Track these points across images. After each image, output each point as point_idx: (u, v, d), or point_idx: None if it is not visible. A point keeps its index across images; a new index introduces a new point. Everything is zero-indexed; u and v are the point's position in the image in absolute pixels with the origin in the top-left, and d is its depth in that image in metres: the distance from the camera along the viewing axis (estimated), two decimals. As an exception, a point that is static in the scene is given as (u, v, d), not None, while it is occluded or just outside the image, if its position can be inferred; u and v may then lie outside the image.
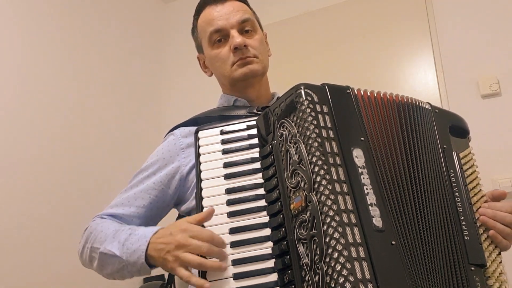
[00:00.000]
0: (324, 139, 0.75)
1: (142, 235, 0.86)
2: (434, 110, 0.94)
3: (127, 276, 0.91)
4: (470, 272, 0.77)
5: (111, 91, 2.62)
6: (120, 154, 2.54)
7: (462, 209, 0.83)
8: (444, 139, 0.90)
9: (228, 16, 1.06)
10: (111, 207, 1.02)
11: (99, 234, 0.94)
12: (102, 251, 0.91)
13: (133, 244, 0.86)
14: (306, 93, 0.79)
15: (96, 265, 0.94)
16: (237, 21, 1.06)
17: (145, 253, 0.83)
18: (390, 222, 0.73)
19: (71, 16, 2.43)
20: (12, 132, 1.99)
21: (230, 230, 0.79)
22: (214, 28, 1.06)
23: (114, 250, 0.88)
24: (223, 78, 1.10)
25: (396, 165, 0.80)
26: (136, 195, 1.01)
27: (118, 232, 0.91)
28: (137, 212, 1.00)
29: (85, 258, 0.98)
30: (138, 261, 0.84)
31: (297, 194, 0.74)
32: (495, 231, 0.84)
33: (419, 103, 0.92)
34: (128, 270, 0.88)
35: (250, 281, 0.75)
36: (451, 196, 0.84)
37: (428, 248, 0.75)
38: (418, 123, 0.88)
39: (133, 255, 0.85)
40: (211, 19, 1.07)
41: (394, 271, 0.68)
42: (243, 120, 0.92)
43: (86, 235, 0.99)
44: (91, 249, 0.95)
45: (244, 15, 1.07)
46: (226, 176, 0.86)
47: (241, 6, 1.10)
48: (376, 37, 2.42)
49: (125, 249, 0.87)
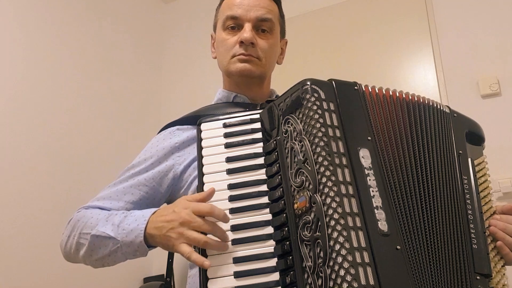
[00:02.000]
0: (330, 138, 0.73)
1: (139, 215, 0.84)
2: (453, 114, 0.91)
3: (121, 259, 0.88)
4: (475, 281, 0.76)
5: (111, 91, 2.61)
6: (119, 154, 2.53)
7: (472, 217, 0.82)
8: (460, 144, 0.88)
9: (251, 8, 1.03)
10: (98, 199, 0.99)
11: (89, 220, 0.91)
12: (94, 233, 0.87)
13: (130, 224, 0.84)
14: (313, 89, 0.77)
15: (84, 251, 0.90)
16: (256, 17, 1.03)
17: (144, 231, 0.81)
18: (396, 226, 0.71)
19: (71, 16, 2.41)
20: (12, 132, 1.98)
21: (232, 227, 0.77)
22: (231, 14, 1.04)
23: (108, 231, 0.86)
24: (221, 65, 1.08)
25: (403, 167, 0.78)
26: (125, 190, 0.98)
27: (111, 216, 0.89)
28: (125, 208, 0.96)
29: (70, 248, 0.94)
30: (136, 240, 0.82)
31: (301, 194, 0.72)
32: (503, 243, 0.83)
33: (437, 105, 0.89)
34: (123, 252, 0.85)
35: (252, 279, 0.73)
36: (462, 203, 0.82)
37: (434, 254, 0.74)
38: (430, 124, 0.86)
39: (130, 235, 0.83)
40: (234, 4, 1.04)
41: (398, 276, 0.67)
42: (247, 113, 0.89)
43: (71, 225, 0.95)
44: (79, 235, 0.91)
45: (267, 14, 1.04)
46: (229, 171, 0.83)
47: (269, 5, 1.06)
48: (376, 37, 2.41)
49: (121, 229, 0.84)
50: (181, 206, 0.78)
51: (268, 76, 1.10)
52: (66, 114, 2.27)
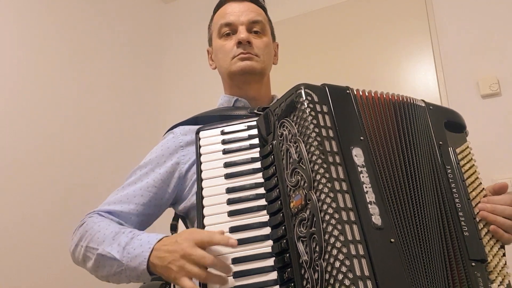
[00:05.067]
0: (323, 138, 0.75)
1: (145, 240, 0.84)
2: (429, 107, 0.94)
3: (124, 280, 0.88)
4: (471, 268, 0.77)
5: (110, 91, 2.63)
6: (119, 155, 2.55)
7: (460, 205, 0.83)
8: (440, 135, 0.91)
9: (241, 13, 1.11)
10: (109, 203, 1.01)
11: (96, 234, 0.91)
12: (100, 252, 0.88)
13: (135, 249, 0.83)
14: (306, 93, 0.80)
15: (91, 265, 0.91)
16: (248, 20, 1.11)
17: (148, 259, 0.81)
18: (390, 220, 0.73)
19: (71, 16, 2.43)
20: (11, 132, 2.00)
21: (230, 229, 0.80)
22: (225, 21, 1.11)
23: (113, 252, 0.86)
24: (223, 70, 1.13)
25: (394, 164, 0.81)
26: (135, 193, 1.01)
27: (118, 234, 0.89)
28: (136, 210, 0.99)
29: (78, 257, 0.95)
30: (139, 267, 0.82)
31: (297, 192, 0.74)
32: (496, 226, 0.83)
33: (413, 100, 0.92)
34: (127, 275, 0.85)
35: (250, 279, 0.75)
36: (449, 193, 0.84)
37: (426, 246, 0.75)
38: (412, 121, 0.88)
39: (135, 261, 0.82)
40: (225, 13, 1.13)
41: (393, 268, 0.68)
42: (243, 121, 0.93)
43: (80, 232, 0.96)
44: (86, 248, 0.92)
45: (256, 16, 1.12)
46: (227, 176, 0.86)
47: (257, 9, 1.15)
48: (376, 37, 2.42)
49: (126, 253, 0.84)
50: (184, 236, 0.78)
51: (267, 74, 1.16)
52: (65, 113, 2.28)
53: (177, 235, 0.81)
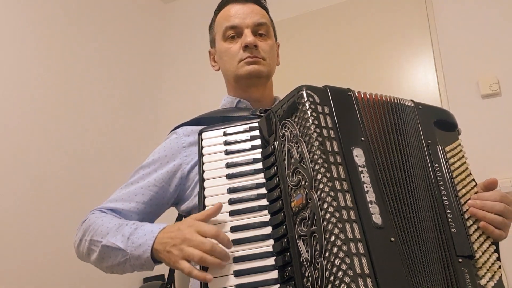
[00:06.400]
0: (325, 139, 0.76)
1: (149, 230, 0.87)
2: (418, 107, 0.95)
3: (128, 270, 0.91)
4: (458, 264, 0.78)
5: (110, 91, 2.63)
6: (118, 155, 2.55)
7: (448, 202, 0.84)
8: (429, 134, 0.91)
9: (246, 16, 1.11)
10: (111, 201, 1.03)
11: (100, 227, 0.94)
12: (104, 243, 0.91)
13: (139, 238, 0.87)
14: (308, 94, 0.81)
15: (95, 257, 0.94)
16: (253, 22, 1.11)
17: (151, 247, 0.84)
18: (390, 220, 0.74)
19: (70, 16, 2.44)
20: (11, 132, 2.00)
21: (232, 228, 0.81)
22: (230, 24, 1.11)
23: (118, 243, 0.89)
24: (229, 73, 1.13)
25: (393, 164, 0.82)
26: (136, 191, 1.03)
27: (121, 226, 0.92)
28: (137, 208, 1.01)
29: (82, 250, 0.98)
30: (143, 255, 0.85)
31: (298, 192, 0.75)
32: (485, 222, 0.84)
33: (402, 101, 0.93)
34: (131, 264, 0.89)
35: (251, 278, 0.76)
36: (437, 191, 0.85)
37: (422, 244, 0.76)
38: (405, 121, 0.90)
39: (138, 249, 0.86)
40: (229, 15, 1.12)
41: (393, 267, 0.69)
42: (246, 122, 0.94)
43: (84, 228, 0.99)
44: (90, 241, 0.95)
45: (261, 19, 1.12)
46: (229, 176, 0.88)
47: (260, 11, 1.15)
48: (376, 37, 2.43)
49: (130, 242, 0.87)
50: (186, 224, 0.81)
51: (272, 76, 1.16)
52: (64, 113, 2.28)
53: (179, 223, 0.84)
